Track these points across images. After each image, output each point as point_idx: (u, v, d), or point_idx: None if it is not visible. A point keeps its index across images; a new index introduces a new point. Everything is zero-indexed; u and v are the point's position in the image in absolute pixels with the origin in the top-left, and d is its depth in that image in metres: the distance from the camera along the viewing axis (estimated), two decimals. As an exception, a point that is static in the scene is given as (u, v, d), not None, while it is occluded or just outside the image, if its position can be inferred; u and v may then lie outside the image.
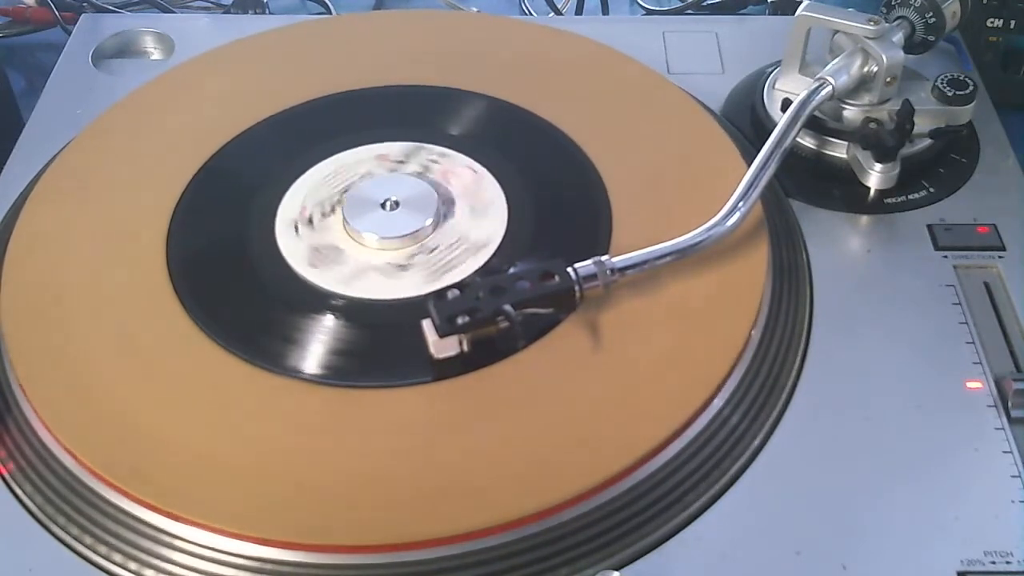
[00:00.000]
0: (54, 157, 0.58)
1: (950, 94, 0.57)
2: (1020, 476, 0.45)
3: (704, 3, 0.80)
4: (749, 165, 0.53)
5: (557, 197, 0.55)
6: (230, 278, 0.52)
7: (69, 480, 0.45)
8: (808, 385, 0.48)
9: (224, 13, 0.80)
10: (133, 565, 0.42)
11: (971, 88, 0.57)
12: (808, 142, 0.58)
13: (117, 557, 0.42)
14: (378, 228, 0.53)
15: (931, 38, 0.59)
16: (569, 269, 0.48)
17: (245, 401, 0.46)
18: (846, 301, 0.52)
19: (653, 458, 0.44)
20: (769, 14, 0.78)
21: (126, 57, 0.69)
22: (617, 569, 0.41)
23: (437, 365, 0.47)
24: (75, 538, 0.43)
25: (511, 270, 0.48)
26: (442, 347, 0.47)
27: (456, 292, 0.47)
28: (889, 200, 0.56)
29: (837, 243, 0.55)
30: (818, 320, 0.51)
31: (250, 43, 0.66)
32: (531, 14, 0.83)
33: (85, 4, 0.78)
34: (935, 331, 0.50)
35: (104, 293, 0.51)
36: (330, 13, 0.81)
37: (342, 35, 0.68)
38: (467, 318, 0.46)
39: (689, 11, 0.81)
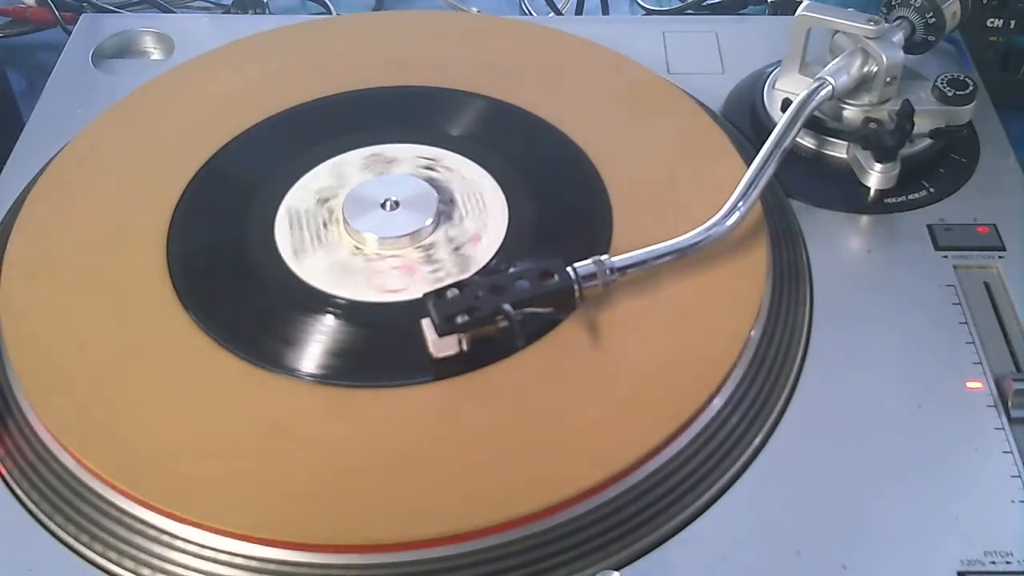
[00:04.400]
0: (54, 157, 0.58)
1: (950, 94, 0.57)
2: (1020, 476, 0.45)
3: (704, 3, 0.80)
4: (749, 165, 0.53)
5: (557, 197, 0.55)
6: (230, 278, 0.52)
7: (69, 480, 0.45)
8: (808, 385, 0.48)
9: (224, 13, 0.80)
10: (133, 565, 0.42)
11: (971, 88, 0.57)
12: (808, 142, 0.58)
13: (116, 557, 0.42)
14: (378, 228, 0.53)
15: (931, 38, 0.59)
16: (568, 269, 0.48)
17: (245, 401, 0.46)
18: (846, 301, 0.51)
19: (653, 458, 0.44)
20: (769, 14, 0.78)
21: (126, 57, 0.69)
22: (617, 569, 0.41)
23: (436, 364, 0.47)
24: (75, 538, 0.43)
25: (511, 269, 0.48)
26: (441, 346, 0.47)
27: (455, 291, 0.47)
28: (889, 200, 0.56)
29: (837, 243, 0.55)
30: (818, 320, 0.51)
31: (250, 43, 0.66)
32: (531, 14, 0.83)
33: (85, 4, 0.78)
34: (935, 331, 0.50)
35: (104, 293, 0.51)
36: (330, 13, 0.81)
37: (342, 35, 0.68)
38: (466, 317, 0.46)
39: (689, 11, 0.81)
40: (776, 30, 0.66)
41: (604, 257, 0.49)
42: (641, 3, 0.83)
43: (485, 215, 0.54)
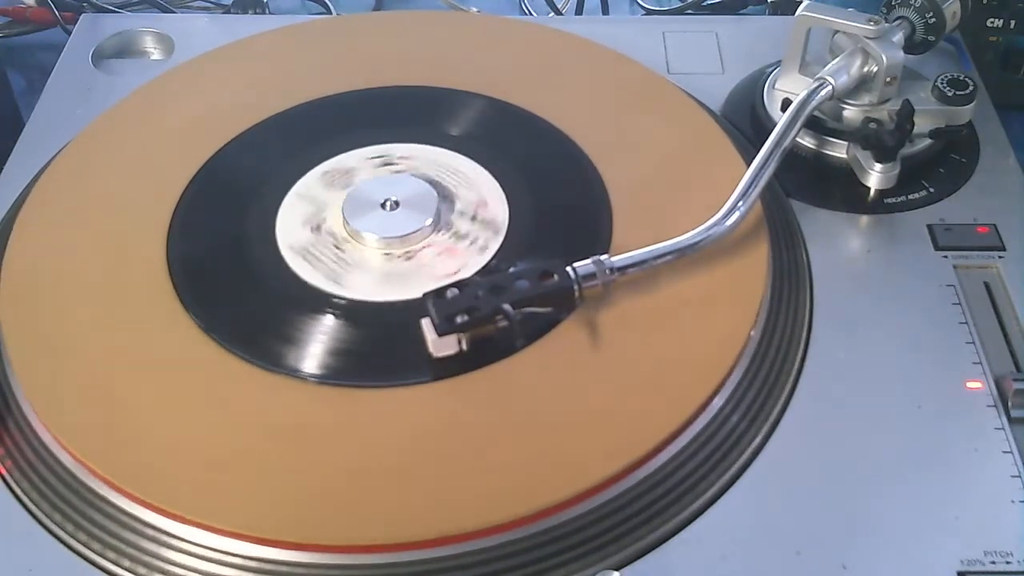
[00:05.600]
0: (54, 157, 0.58)
1: (950, 94, 0.57)
2: (1020, 476, 0.45)
3: (704, 3, 0.80)
4: (749, 165, 0.53)
5: (557, 197, 0.55)
6: (230, 278, 0.52)
7: (69, 480, 0.45)
8: (808, 385, 0.48)
9: (224, 13, 0.80)
10: (132, 565, 0.42)
11: (971, 88, 0.57)
12: (808, 142, 0.58)
13: (116, 556, 0.42)
14: (378, 228, 0.53)
15: (931, 38, 0.59)
16: (568, 268, 0.48)
17: (245, 401, 0.46)
18: (846, 301, 0.51)
19: (653, 458, 0.44)
20: (769, 14, 0.78)
21: (126, 57, 0.69)
22: (617, 569, 0.41)
23: (436, 364, 0.47)
24: (75, 538, 0.43)
25: (510, 269, 0.48)
26: (441, 346, 0.47)
27: (455, 291, 0.47)
28: (889, 200, 0.56)
29: (837, 243, 0.55)
30: (818, 320, 0.51)
31: (250, 43, 0.66)
32: (531, 14, 0.83)
33: (85, 4, 0.78)
34: (935, 331, 0.50)
35: (104, 293, 0.51)
36: (330, 13, 0.81)
37: (342, 35, 0.68)
38: (466, 317, 0.46)
39: (689, 11, 0.81)
40: (776, 30, 0.66)
41: (604, 257, 0.49)
42: (641, 3, 0.83)
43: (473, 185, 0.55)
